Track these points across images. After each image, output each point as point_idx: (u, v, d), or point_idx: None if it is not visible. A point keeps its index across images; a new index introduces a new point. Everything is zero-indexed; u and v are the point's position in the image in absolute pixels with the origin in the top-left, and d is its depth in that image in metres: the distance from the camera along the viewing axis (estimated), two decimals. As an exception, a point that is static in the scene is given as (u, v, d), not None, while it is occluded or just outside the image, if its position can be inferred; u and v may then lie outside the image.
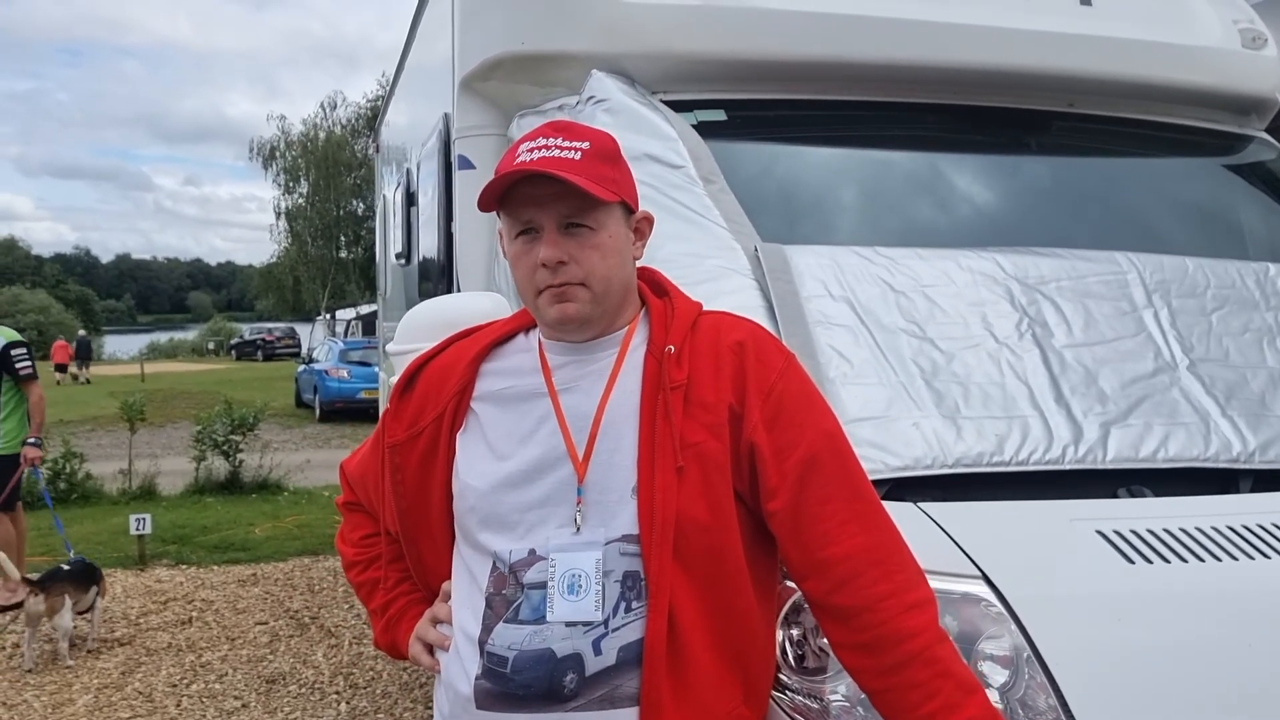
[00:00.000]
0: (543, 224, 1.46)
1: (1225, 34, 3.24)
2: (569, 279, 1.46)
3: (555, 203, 1.45)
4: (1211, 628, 1.77)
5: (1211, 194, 3.22)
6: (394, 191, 5.83)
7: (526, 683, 1.42)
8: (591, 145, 1.48)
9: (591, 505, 1.46)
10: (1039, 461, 2.06)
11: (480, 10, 3.22)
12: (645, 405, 1.48)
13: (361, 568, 1.81)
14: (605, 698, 1.41)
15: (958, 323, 2.30)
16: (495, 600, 1.47)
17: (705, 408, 1.47)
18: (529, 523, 1.47)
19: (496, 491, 1.50)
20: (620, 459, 1.47)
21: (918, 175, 2.97)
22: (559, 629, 1.42)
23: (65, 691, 4.91)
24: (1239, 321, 2.50)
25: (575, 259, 1.46)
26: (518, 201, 1.46)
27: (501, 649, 1.44)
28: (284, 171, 40.58)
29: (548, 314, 1.50)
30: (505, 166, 1.48)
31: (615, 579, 1.43)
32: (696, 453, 1.44)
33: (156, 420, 16.70)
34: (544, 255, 1.45)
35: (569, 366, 1.54)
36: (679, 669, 1.42)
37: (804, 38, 2.80)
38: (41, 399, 6.29)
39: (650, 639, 1.41)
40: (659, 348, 1.51)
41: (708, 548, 1.44)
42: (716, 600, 1.45)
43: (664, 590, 1.41)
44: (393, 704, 4.70)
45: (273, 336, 45.85)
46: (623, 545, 1.44)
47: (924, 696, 1.39)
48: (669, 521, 1.41)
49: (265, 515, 9.05)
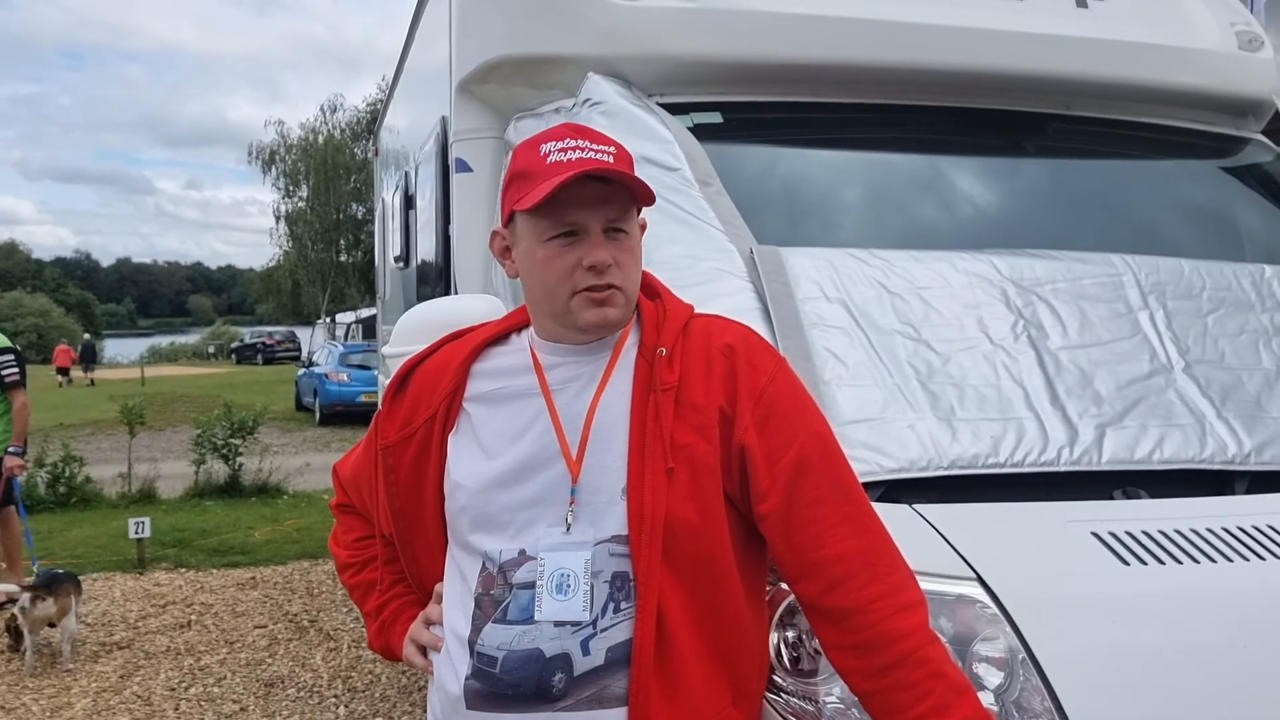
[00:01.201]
0: (589, 226, 1.46)
1: (1222, 36, 3.25)
2: (612, 282, 1.47)
3: (601, 206, 1.46)
4: (1207, 630, 1.77)
5: (1208, 196, 3.22)
6: (393, 195, 5.84)
7: (515, 682, 1.42)
8: (618, 150, 1.50)
9: (582, 505, 1.46)
10: (1034, 463, 2.06)
11: (477, 14, 3.22)
12: (636, 407, 1.48)
13: (355, 570, 1.81)
14: (594, 698, 1.42)
15: (953, 325, 2.30)
16: (484, 600, 1.47)
17: (696, 410, 1.47)
18: (520, 523, 1.48)
19: (487, 491, 1.50)
20: (611, 460, 1.47)
21: (913, 177, 2.97)
22: (548, 629, 1.42)
23: (64, 695, 4.90)
24: (1235, 323, 2.50)
25: (618, 263, 1.47)
26: (561, 203, 1.45)
27: (490, 649, 1.44)
28: (284, 175, 40.60)
29: (584, 317, 1.49)
30: (539, 167, 1.46)
31: (604, 579, 1.43)
32: (687, 454, 1.45)
33: (156, 424, 16.70)
34: (596, 258, 1.45)
35: (562, 367, 1.54)
36: (667, 670, 1.42)
37: (799, 40, 2.81)
38: (25, 406, 6.18)
39: (639, 640, 1.41)
40: (650, 350, 1.52)
41: (697, 549, 1.44)
42: (705, 601, 1.46)
43: (652, 591, 1.41)
44: (391, 707, 4.70)
45: (273, 340, 45.86)
46: (612, 546, 1.44)
47: (915, 698, 1.39)
48: (658, 523, 1.42)
49: (264, 519, 9.05)
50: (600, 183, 1.45)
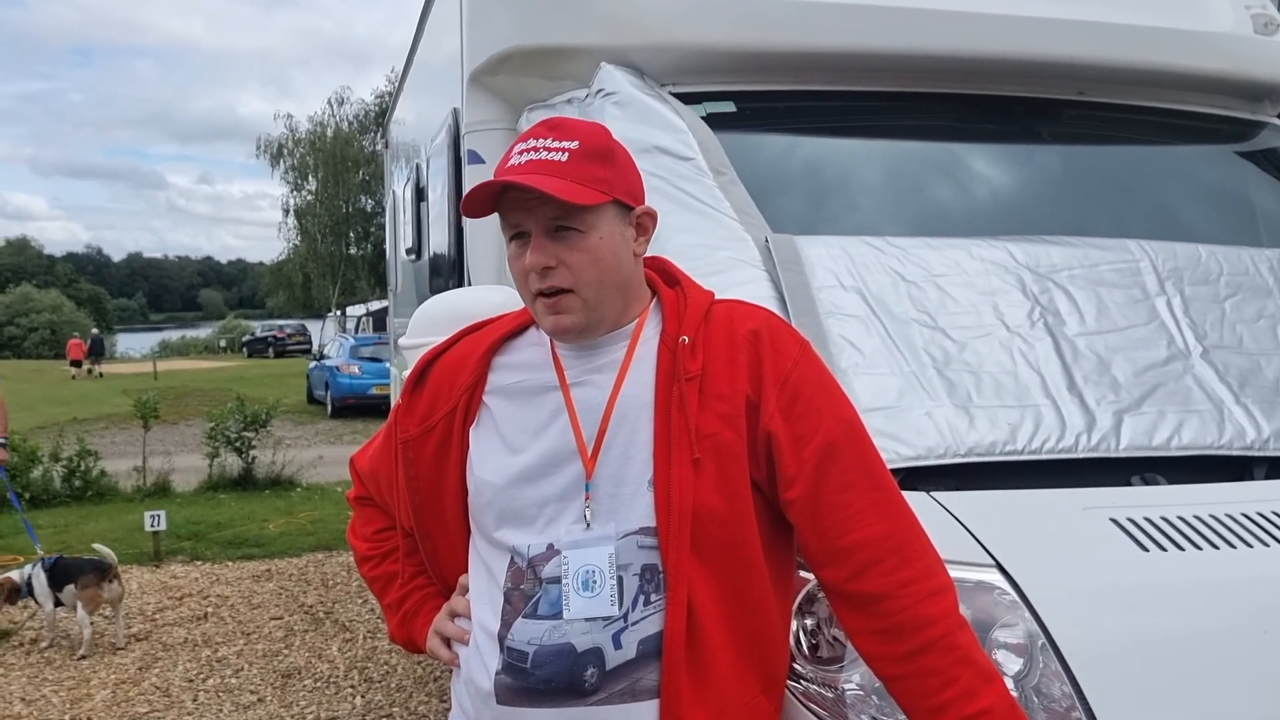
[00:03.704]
0: (530, 228, 1.45)
1: (1237, 19, 3.22)
2: (559, 284, 1.45)
3: (541, 206, 1.43)
4: (1225, 615, 1.76)
5: (1224, 181, 3.20)
6: (404, 187, 5.85)
7: (547, 677, 1.42)
8: (581, 144, 1.45)
9: (603, 500, 1.45)
10: (1052, 450, 2.06)
11: (489, 5, 3.22)
12: (660, 396, 1.47)
13: (375, 562, 1.80)
14: (626, 691, 1.42)
15: (969, 312, 2.30)
16: (514, 595, 1.47)
17: (721, 398, 1.46)
18: (546, 517, 1.47)
19: (512, 486, 1.49)
20: (634, 451, 1.46)
21: (927, 165, 2.96)
22: (579, 624, 1.42)
23: (83, 687, 4.95)
24: (1252, 309, 2.49)
25: (564, 263, 1.44)
26: (507, 205, 1.46)
27: (521, 644, 1.44)
28: (292, 169, 40.66)
29: (543, 323, 1.50)
30: (500, 168, 1.47)
31: (633, 572, 1.43)
32: (713, 444, 1.44)
33: (170, 418, 16.77)
34: (530, 261, 1.44)
35: (581, 360, 1.53)
36: (698, 661, 1.42)
37: (813, 28, 2.79)
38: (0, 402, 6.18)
39: (669, 631, 1.41)
40: (672, 338, 1.50)
41: (725, 539, 1.44)
42: (734, 591, 1.45)
43: (682, 583, 1.41)
44: (407, 697, 4.72)
45: (284, 333, 45.99)
46: (640, 538, 1.43)
47: (943, 683, 1.38)
48: (686, 513, 1.41)
49: (279, 511, 9.10)
50: None
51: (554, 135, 1.47)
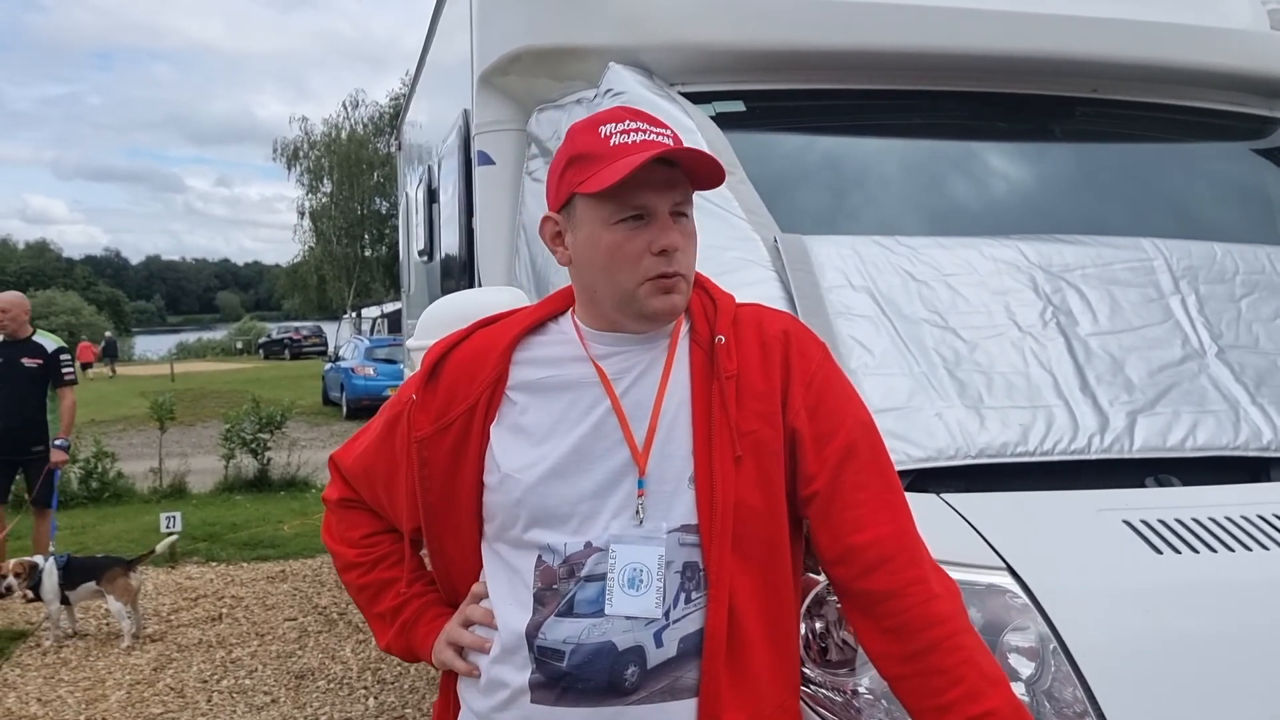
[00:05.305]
0: (658, 210, 1.44)
1: (1254, 16, 3.19)
2: (679, 268, 1.45)
3: (669, 189, 1.44)
4: (1241, 618, 1.74)
5: (1239, 178, 3.17)
6: (416, 188, 5.85)
7: (586, 676, 1.40)
8: (670, 132, 1.47)
9: (650, 496, 1.44)
10: (1064, 451, 2.04)
11: (498, 5, 3.21)
12: (698, 395, 1.47)
13: (365, 569, 1.71)
14: (666, 689, 1.41)
15: (980, 312, 2.28)
16: (545, 595, 1.44)
17: (758, 396, 1.47)
18: (582, 514, 1.45)
19: (544, 483, 1.46)
20: (674, 449, 1.46)
21: (938, 163, 2.94)
22: (619, 622, 1.40)
23: (99, 688, 4.97)
24: (1269, 308, 2.46)
25: (682, 249, 1.46)
26: (630, 185, 1.41)
27: (556, 643, 1.42)
28: (308, 171, 40.87)
29: (651, 305, 1.46)
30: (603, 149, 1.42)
31: (675, 570, 1.42)
32: (752, 441, 1.45)
33: (186, 419, 16.88)
34: (667, 241, 1.42)
35: (618, 356, 1.51)
36: (737, 659, 1.42)
37: (821, 26, 2.78)
38: (74, 404, 6.54)
39: (710, 629, 1.40)
40: (704, 338, 1.52)
41: (763, 536, 1.45)
42: (770, 589, 1.46)
43: (724, 580, 1.41)
44: (420, 699, 4.73)
45: (299, 335, 46.22)
46: (682, 535, 1.43)
47: (947, 683, 1.37)
48: (728, 511, 1.41)
49: (293, 512, 9.12)
50: (666, 165, 1.42)
51: (646, 121, 1.46)
